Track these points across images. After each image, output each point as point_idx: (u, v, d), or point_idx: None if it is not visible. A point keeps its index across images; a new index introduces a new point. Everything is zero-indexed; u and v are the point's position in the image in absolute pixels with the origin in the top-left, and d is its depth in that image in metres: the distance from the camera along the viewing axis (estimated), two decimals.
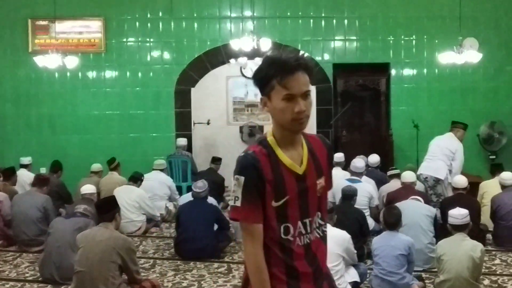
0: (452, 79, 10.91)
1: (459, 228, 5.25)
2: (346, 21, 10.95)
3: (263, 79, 2.23)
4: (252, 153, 2.25)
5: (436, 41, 10.82)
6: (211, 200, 7.33)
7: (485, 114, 10.85)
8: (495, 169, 8.42)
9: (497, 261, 6.60)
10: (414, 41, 10.90)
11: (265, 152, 2.26)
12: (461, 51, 9.43)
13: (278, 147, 2.28)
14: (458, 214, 5.26)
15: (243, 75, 12.20)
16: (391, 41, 10.95)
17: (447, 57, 9.67)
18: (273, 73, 2.19)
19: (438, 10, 10.84)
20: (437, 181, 8.13)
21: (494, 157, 10.74)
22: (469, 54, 9.45)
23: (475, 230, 6.21)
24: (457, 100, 10.91)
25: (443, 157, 8.25)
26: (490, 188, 7.76)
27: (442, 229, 6.21)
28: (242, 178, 2.21)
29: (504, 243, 7.02)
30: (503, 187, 7.27)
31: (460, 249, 5.12)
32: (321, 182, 2.36)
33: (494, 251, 6.95)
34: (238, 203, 2.23)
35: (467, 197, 7.11)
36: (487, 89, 10.97)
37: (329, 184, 2.46)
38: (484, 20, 10.89)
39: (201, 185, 7.09)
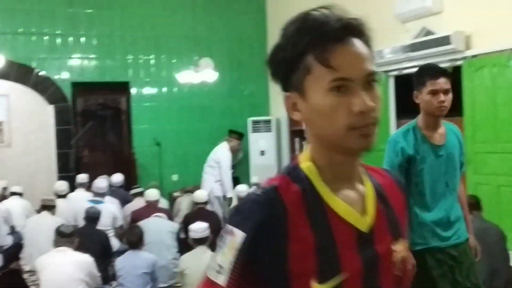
0: (191, 97, 11.25)
1: (200, 241, 5.42)
2: (83, 39, 10.71)
3: (289, 58, 1.21)
4: (270, 189, 1.23)
5: (174, 60, 11.10)
6: None
7: (224, 131, 11.38)
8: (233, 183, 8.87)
9: None
10: (153, 61, 11.05)
11: (297, 189, 1.24)
12: (198, 71, 9.83)
13: (322, 181, 1.25)
14: (199, 228, 5.43)
15: None
16: (129, 60, 10.97)
17: (185, 76, 10.01)
18: (305, 44, 1.19)
19: (174, 30, 11.15)
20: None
21: (232, 170, 11.29)
22: (205, 74, 9.91)
23: (217, 242, 6.45)
24: (196, 118, 11.28)
25: (209, 169, 8.43)
26: None
27: (185, 243, 6.35)
28: (239, 235, 1.20)
29: None
30: (240, 199, 7.69)
31: (202, 262, 5.26)
32: (400, 249, 1.30)
33: None
34: (221, 280, 1.21)
35: (208, 210, 7.38)
36: (224, 107, 11.52)
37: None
38: (218, 41, 11.44)
39: None
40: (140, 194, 8.10)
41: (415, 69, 8.32)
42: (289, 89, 1.25)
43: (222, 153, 8.38)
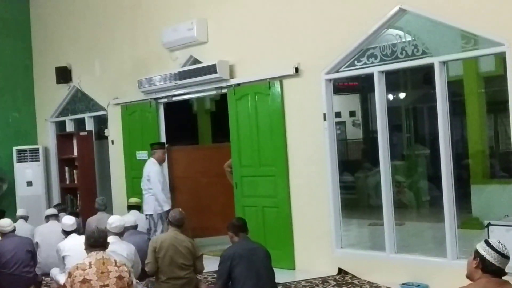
0: None
1: None
2: None
3: None
4: None
5: None
6: None
7: None
8: None
9: None
10: None
11: None
12: None
13: None
14: None
15: None
16: None
17: None
18: None
19: None
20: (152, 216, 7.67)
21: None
22: None
23: None
24: None
25: (147, 189, 7.86)
26: None
27: None
28: None
29: None
30: (3, 234, 7.19)
31: None
32: None
33: None
34: None
35: None
36: None
37: None
38: None
39: None
40: None
41: (184, 97, 8.60)
42: None
43: (150, 168, 7.87)
